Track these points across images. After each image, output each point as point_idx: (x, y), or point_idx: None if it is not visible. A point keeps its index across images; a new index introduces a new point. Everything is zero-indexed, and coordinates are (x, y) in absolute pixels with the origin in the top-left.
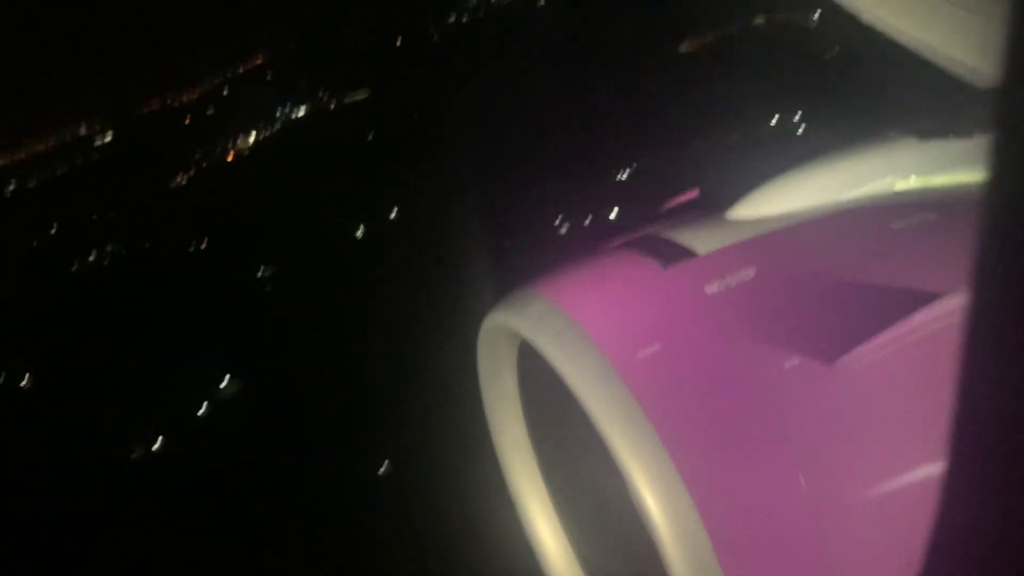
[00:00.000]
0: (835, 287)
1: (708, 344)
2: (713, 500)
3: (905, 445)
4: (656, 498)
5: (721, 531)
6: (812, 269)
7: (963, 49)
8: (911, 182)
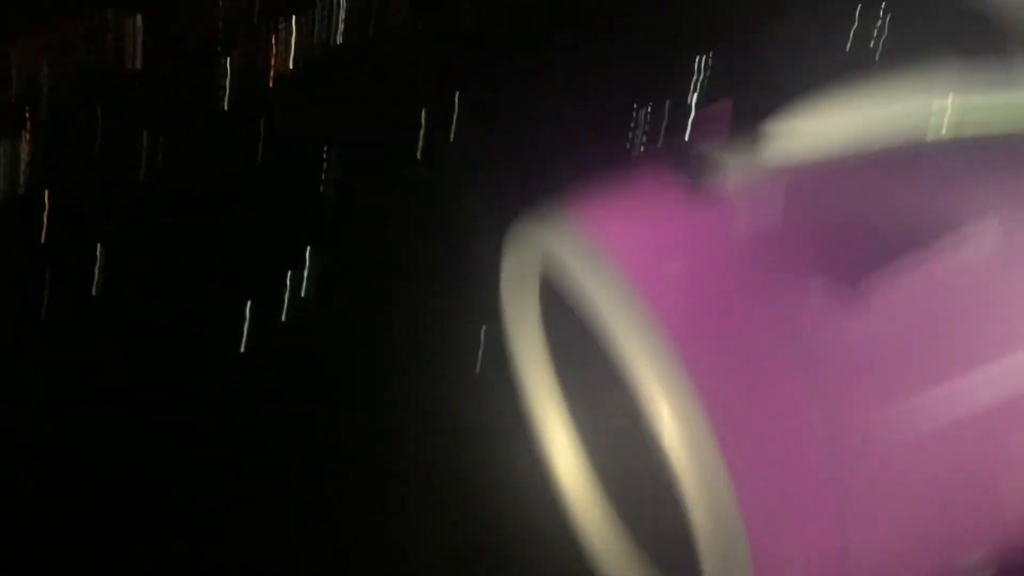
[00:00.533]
0: (865, 213)
1: (734, 271)
2: (728, 422)
3: (926, 375)
4: (671, 418)
5: (734, 454)
6: (843, 194)
7: None
8: (949, 101)
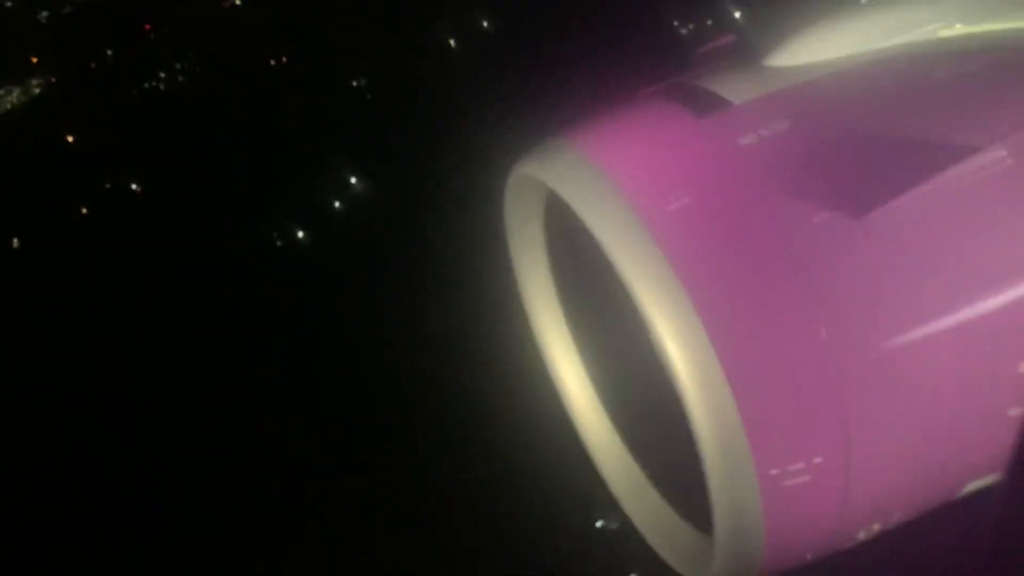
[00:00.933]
0: (872, 140)
1: (738, 197)
2: (732, 345)
3: (933, 302)
4: (674, 341)
5: (739, 375)
6: (849, 120)
7: None
8: (956, 29)
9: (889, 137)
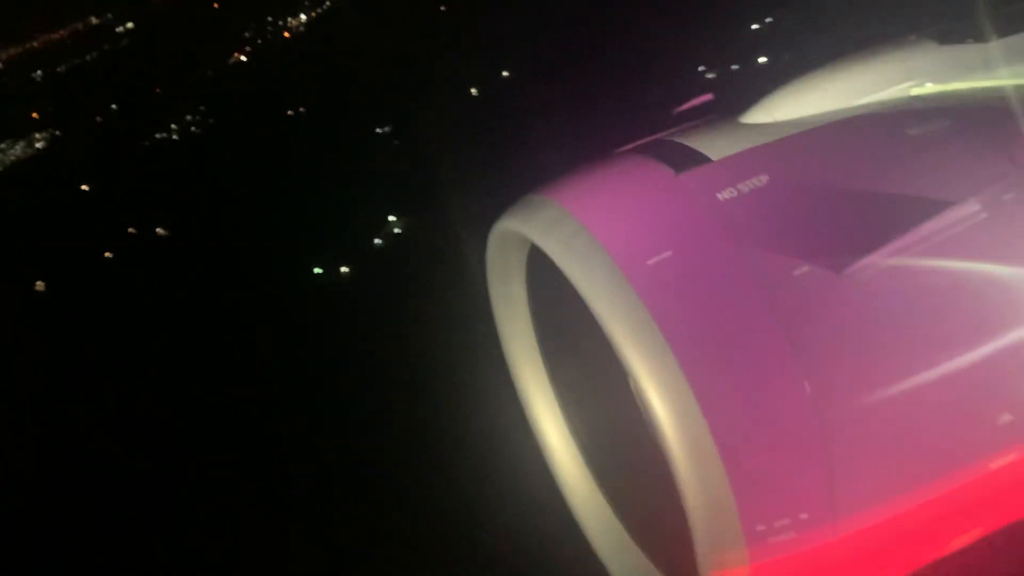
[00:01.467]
0: (848, 195)
1: (719, 251)
2: (718, 402)
3: (913, 354)
4: (662, 400)
5: (725, 433)
6: (825, 176)
7: None
8: (928, 88)
9: (866, 192)
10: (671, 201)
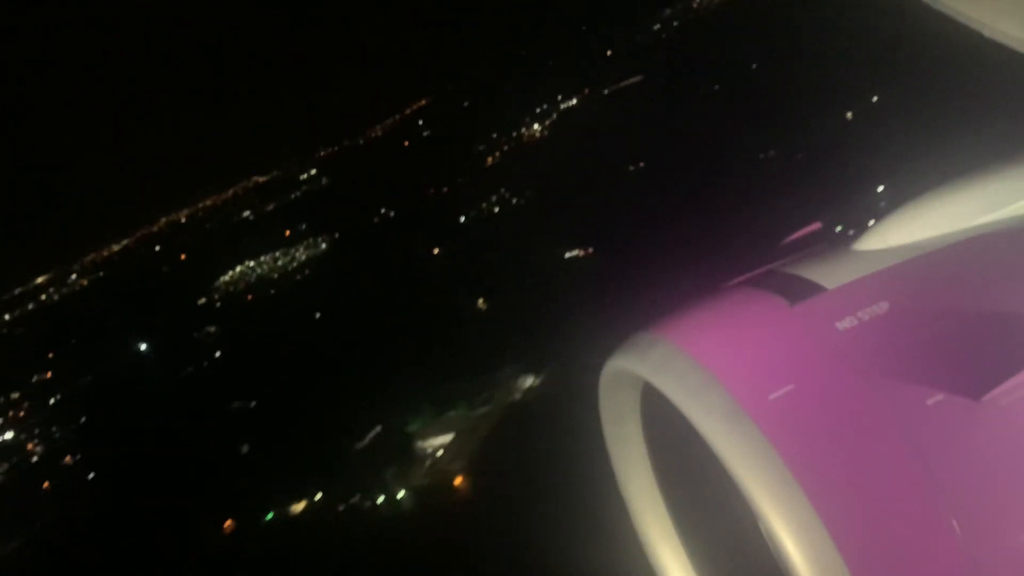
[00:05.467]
0: (975, 318)
1: (843, 383)
2: (859, 547)
3: None
4: (798, 546)
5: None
6: (949, 300)
7: None
8: None
9: (994, 314)
10: (788, 333)
